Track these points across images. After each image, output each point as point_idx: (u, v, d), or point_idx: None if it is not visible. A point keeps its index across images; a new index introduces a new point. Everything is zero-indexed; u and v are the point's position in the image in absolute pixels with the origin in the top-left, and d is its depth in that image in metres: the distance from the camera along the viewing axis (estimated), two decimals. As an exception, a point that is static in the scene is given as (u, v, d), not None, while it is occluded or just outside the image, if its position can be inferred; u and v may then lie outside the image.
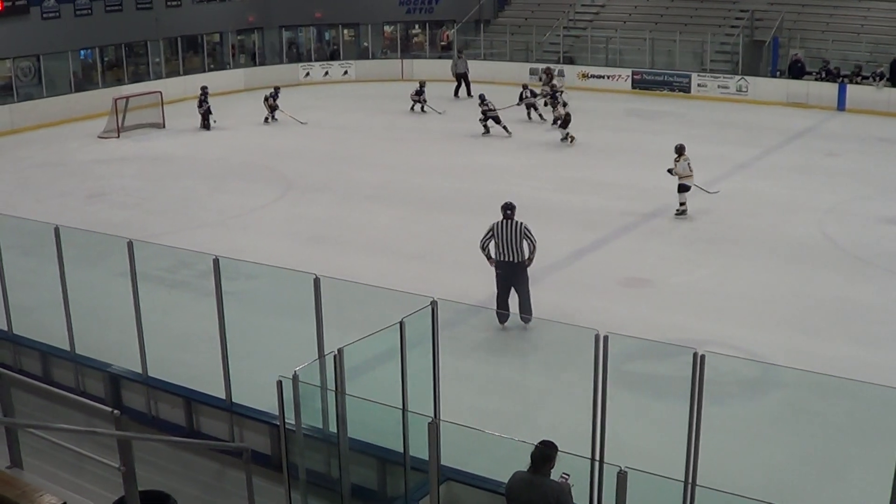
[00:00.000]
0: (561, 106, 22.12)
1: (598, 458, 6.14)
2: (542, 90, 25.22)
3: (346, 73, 32.81)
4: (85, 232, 11.28)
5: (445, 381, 7.05)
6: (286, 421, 6.22)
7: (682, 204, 15.60)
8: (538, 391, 10.08)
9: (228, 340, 7.97)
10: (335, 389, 6.38)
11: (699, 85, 28.18)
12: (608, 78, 29.72)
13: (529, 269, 11.10)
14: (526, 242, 10.96)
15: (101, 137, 23.51)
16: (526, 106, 24.63)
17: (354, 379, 6.55)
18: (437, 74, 29.99)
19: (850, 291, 12.39)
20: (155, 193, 18.24)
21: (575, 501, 5.75)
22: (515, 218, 11.02)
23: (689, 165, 15.45)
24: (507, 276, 11.01)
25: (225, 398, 8.04)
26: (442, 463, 6.30)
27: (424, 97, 26.09)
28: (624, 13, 32.46)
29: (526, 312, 10.93)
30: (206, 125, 24.26)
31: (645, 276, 12.97)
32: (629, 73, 29.48)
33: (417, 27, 35.98)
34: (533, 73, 29.45)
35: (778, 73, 28.25)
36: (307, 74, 32.43)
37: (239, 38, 33.96)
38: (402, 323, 6.43)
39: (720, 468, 6.85)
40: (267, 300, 10.92)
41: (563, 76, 28.46)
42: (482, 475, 6.63)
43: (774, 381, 9.41)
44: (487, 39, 33.22)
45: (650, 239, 14.81)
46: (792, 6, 29.45)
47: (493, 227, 11.07)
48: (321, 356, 6.99)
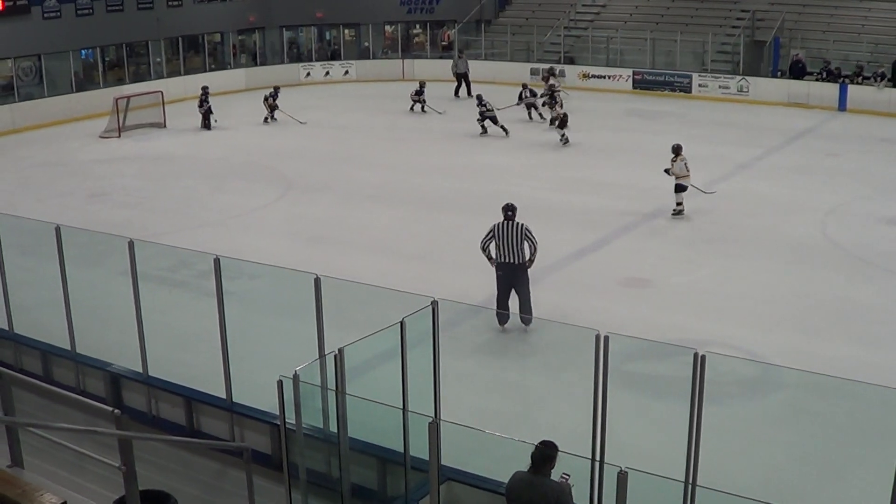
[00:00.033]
0: (558, 106, 22.11)
1: (598, 458, 6.14)
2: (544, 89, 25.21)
3: (346, 72, 32.82)
4: (86, 231, 11.30)
5: (446, 381, 7.05)
6: (287, 421, 6.22)
7: (678, 204, 15.60)
8: (538, 391, 10.08)
9: (229, 340, 7.97)
10: (336, 389, 6.38)
11: (700, 85, 28.19)
12: (609, 78, 29.73)
13: (530, 270, 11.06)
14: (527, 244, 10.89)
15: (102, 137, 23.52)
16: (526, 106, 24.64)
17: (355, 379, 6.55)
18: (437, 74, 30.00)
19: (850, 291, 12.39)
20: (156, 193, 18.25)
21: (575, 502, 5.75)
22: (516, 219, 10.97)
23: (685, 165, 15.44)
24: (507, 277, 10.95)
25: (225, 398, 8.04)
26: (442, 463, 6.30)
27: (424, 97, 26.10)
28: (625, 13, 32.47)
29: (526, 314, 10.87)
30: (206, 125, 24.27)
31: (645, 276, 12.97)
32: (630, 73, 29.49)
33: (418, 27, 35.99)
34: (534, 73, 29.44)
35: (779, 73, 28.25)
36: (308, 74, 32.44)
37: (240, 37, 34.00)
38: (402, 323, 6.43)
39: (720, 468, 6.85)
40: (268, 300, 10.92)
41: (563, 76, 28.43)
42: (482, 475, 6.63)
43: (775, 381, 9.40)
44: (488, 39, 33.22)
45: (650, 239, 14.82)
46: (793, 6, 29.45)
47: (493, 228, 11.00)
48: (322, 356, 6.99)
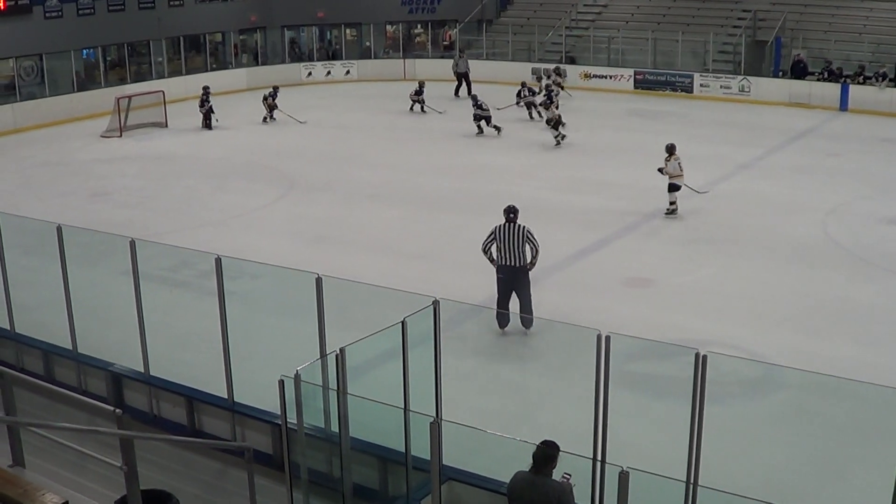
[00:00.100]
0: (554, 107, 22.03)
1: (599, 458, 6.14)
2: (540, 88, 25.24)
3: (348, 72, 32.82)
4: (87, 231, 11.30)
5: (447, 380, 7.05)
6: (288, 420, 6.22)
7: (672, 203, 15.63)
8: (540, 391, 10.08)
9: (230, 340, 7.97)
10: (337, 389, 6.38)
11: (701, 85, 28.18)
12: (610, 78, 29.72)
13: (531, 272, 10.98)
14: (528, 246, 10.78)
15: (103, 137, 23.53)
16: (526, 105, 24.63)
17: (356, 378, 6.54)
18: (439, 74, 30.00)
19: (851, 291, 12.39)
20: (157, 193, 18.26)
21: (577, 501, 5.75)
22: (518, 221, 10.87)
23: (679, 165, 15.46)
24: (508, 280, 10.82)
25: (227, 397, 8.04)
26: (443, 463, 6.30)
27: (423, 97, 26.10)
28: (626, 13, 32.45)
29: (527, 319, 10.73)
30: (207, 125, 24.28)
31: (646, 276, 12.96)
32: (631, 73, 29.47)
33: (420, 27, 35.97)
34: (535, 73, 29.45)
35: (780, 73, 28.23)
36: (309, 74, 32.44)
37: (241, 37, 33.99)
38: (403, 323, 6.43)
39: (722, 468, 6.85)
40: (269, 300, 10.93)
41: (564, 76, 28.41)
42: (484, 475, 6.62)
43: (776, 381, 9.40)
44: (490, 39, 33.20)
45: (651, 239, 14.82)
46: (794, 6, 29.43)
47: (495, 230, 10.89)
48: (323, 356, 6.99)
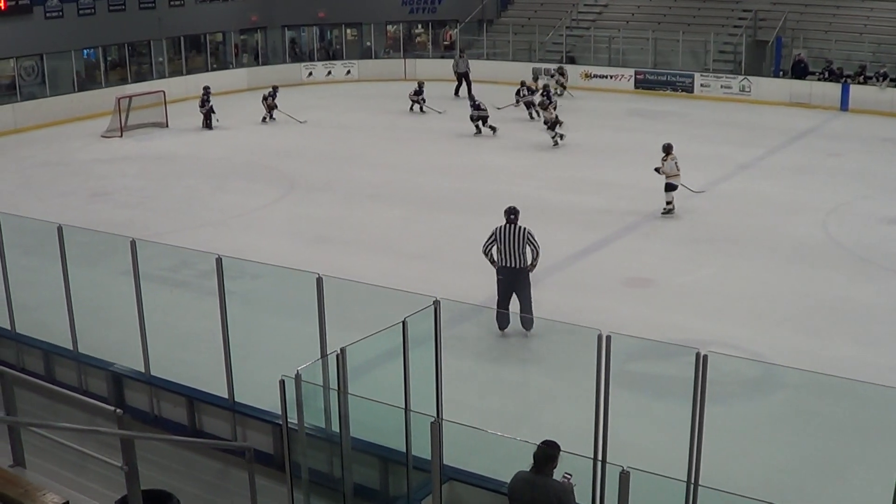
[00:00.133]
0: (552, 107, 21.97)
1: (600, 457, 6.14)
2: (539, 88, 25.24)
3: (348, 72, 32.82)
4: (88, 231, 11.30)
5: (448, 380, 7.05)
6: (289, 420, 6.22)
7: (668, 203, 15.66)
8: (540, 391, 10.08)
9: (231, 340, 7.96)
10: (338, 389, 6.38)
11: (702, 85, 28.17)
12: (611, 78, 29.72)
13: (531, 274, 10.91)
14: (529, 248, 10.71)
15: (103, 137, 23.53)
16: (525, 105, 24.61)
17: (357, 378, 6.54)
18: (440, 74, 29.99)
19: (851, 291, 12.39)
20: (157, 193, 18.26)
21: (577, 501, 5.75)
22: (519, 222, 10.80)
23: (676, 165, 15.48)
24: (509, 281, 10.75)
25: (228, 397, 8.03)
26: (444, 463, 6.29)
27: (423, 97, 26.10)
28: (627, 13, 32.44)
29: (527, 321, 10.66)
30: (207, 125, 24.28)
31: (647, 276, 12.96)
32: (632, 72, 29.47)
33: (420, 27, 35.97)
34: (535, 72, 29.47)
35: (781, 73, 28.22)
36: (310, 74, 32.44)
37: (242, 37, 33.99)
38: (404, 322, 6.42)
39: (722, 468, 6.84)
40: (269, 299, 10.92)
41: (563, 76, 28.40)
42: (485, 475, 6.62)
43: (777, 381, 9.39)
44: (490, 39, 33.19)
45: (652, 239, 14.81)
46: (795, 6, 29.42)
47: (495, 231, 10.82)
48: (324, 356, 6.98)
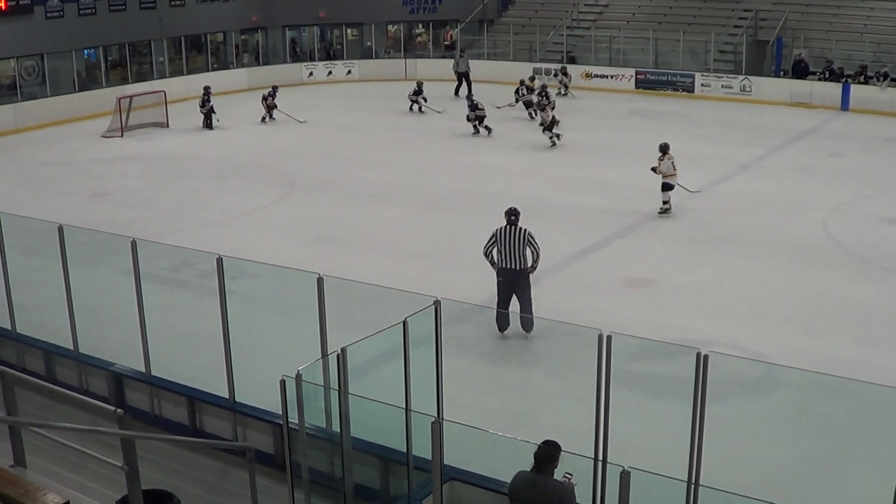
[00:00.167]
0: (550, 108, 21.91)
1: (601, 457, 6.13)
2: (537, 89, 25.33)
3: (349, 72, 32.83)
4: (88, 231, 11.28)
5: (448, 380, 7.05)
6: (289, 420, 6.22)
7: (665, 203, 15.67)
8: (541, 391, 10.08)
9: (232, 340, 7.97)
10: (338, 389, 6.37)
11: (702, 85, 28.17)
12: (611, 77, 29.72)
13: (532, 276, 10.84)
14: (529, 250, 10.64)
15: (104, 137, 23.54)
16: (524, 104, 24.59)
17: (357, 378, 6.54)
18: (440, 74, 30.00)
19: (852, 291, 12.38)
20: (158, 193, 18.26)
21: (578, 501, 5.75)
22: (520, 223, 10.73)
23: (672, 164, 15.50)
24: (508, 283, 10.68)
25: (228, 397, 8.04)
26: (445, 462, 6.28)
27: (423, 96, 26.10)
28: (627, 13, 32.44)
29: (527, 322, 10.61)
30: (208, 125, 24.28)
31: (647, 275, 12.96)
32: (632, 72, 29.47)
33: (421, 27, 35.98)
34: (537, 72, 29.47)
35: (781, 72, 28.22)
36: (310, 74, 32.45)
37: (242, 37, 34.00)
38: (405, 322, 6.42)
39: (723, 468, 6.84)
40: (270, 299, 10.93)
41: (566, 75, 28.40)
42: (485, 475, 6.61)
43: (777, 381, 9.39)
44: (491, 39, 33.20)
45: (652, 239, 14.81)
46: (795, 6, 29.41)
47: (496, 232, 10.76)
48: (324, 355, 6.98)
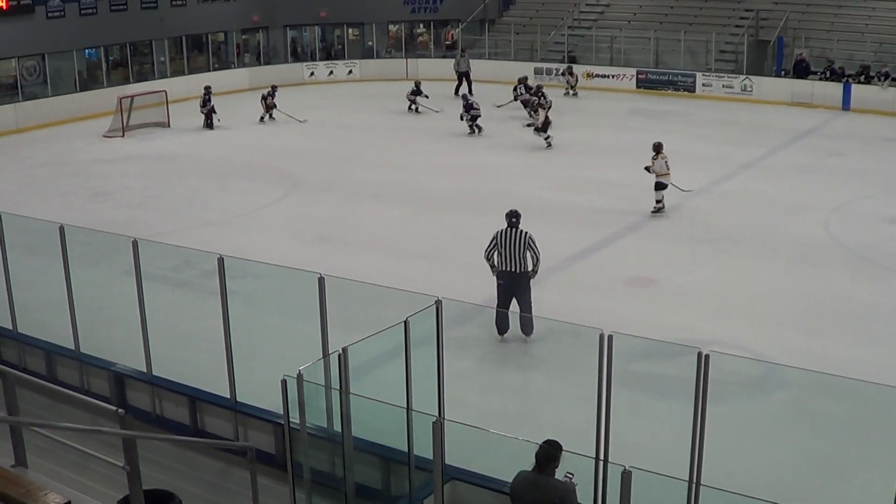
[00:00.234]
0: (544, 109, 21.77)
1: (602, 457, 6.13)
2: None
3: (350, 72, 32.82)
4: (90, 231, 11.29)
5: (450, 380, 7.05)
6: (291, 420, 6.22)
7: (658, 202, 15.69)
8: (542, 390, 10.08)
9: (233, 339, 7.97)
10: (339, 389, 6.38)
11: (704, 84, 28.15)
12: (613, 77, 29.70)
13: (532, 280, 10.72)
14: (529, 254, 10.55)
15: (105, 136, 23.55)
16: (522, 103, 24.58)
17: (359, 378, 6.55)
18: (441, 74, 29.99)
19: (853, 291, 12.37)
20: (159, 193, 18.26)
21: (579, 501, 5.75)
22: (521, 225, 10.63)
23: (666, 164, 15.52)
24: (509, 286, 10.59)
25: (229, 397, 8.04)
26: (446, 462, 6.28)
27: (423, 96, 26.09)
28: (629, 12, 32.43)
29: (527, 325, 10.51)
30: (209, 124, 24.28)
31: (648, 275, 12.95)
32: (634, 72, 29.45)
33: (422, 26, 35.98)
34: (538, 72, 29.50)
35: (783, 72, 28.19)
36: (312, 74, 32.45)
37: (244, 37, 33.99)
38: (406, 322, 6.43)
39: (724, 468, 6.84)
40: (271, 299, 10.93)
41: (571, 75, 28.38)
42: (486, 475, 6.61)
43: (778, 380, 9.39)
44: (492, 39, 33.19)
45: (653, 238, 14.80)
46: (797, 6, 29.40)
47: (496, 235, 10.65)
48: (325, 355, 6.98)
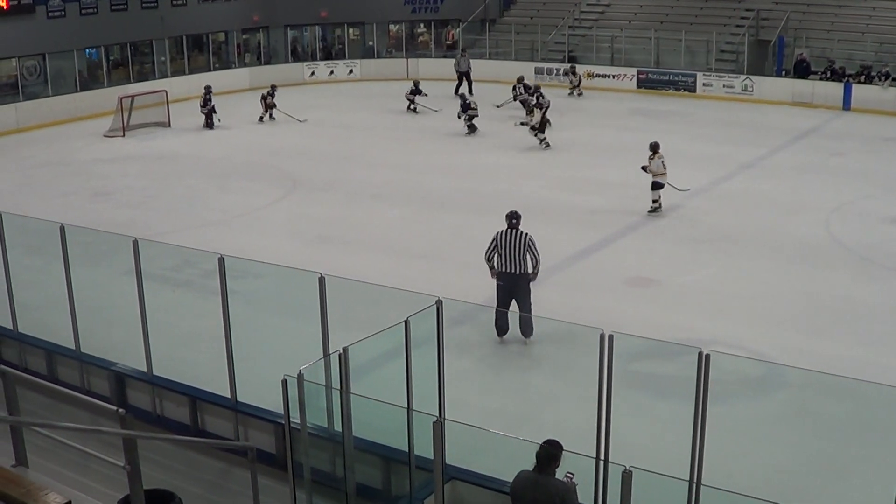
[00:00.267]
0: (539, 109, 21.73)
1: (602, 457, 6.14)
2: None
3: (351, 72, 32.83)
4: (90, 231, 11.28)
5: (450, 380, 7.05)
6: (291, 420, 6.22)
7: (654, 201, 15.70)
8: (543, 390, 10.08)
9: (233, 339, 7.97)
10: (340, 388, 6.38)
11: (704, 84, 28.15)
12: (613, 77, 29.70)
13: (532, 282, 10.64)
14: (529, 256, 10.47)
15: (106, 136, 23.56)
16: (521, 103, 24.59)
17: (359, 378, 6.55)
18: (442, 74, 29.99)
19: (854, 291, 12.37)
20: (159, 192, 18.26)
21: (580, 501, 5.75)
22: (521, 226, 10.56)
23: (662, 163, 15.54)
24: (508, 288, 10.53)
25: (230, 397, 8.04)
26: (447, 462, 6.29)
27: (423, 95, 26.08)
28: (629, 12, 32.42)
29: (526, 327, 10.46)
30: (209, 124, 24.28)
31: (649, 275, 12.95)
32: (634, 72, 29.45)
33: (423, 26, 35.98)
34: (538, 72, 29.50)
35: (783, 72, 28.19)
36: (312, 73, 32.46)
37: (244, 37, 34.00)
38: (406, 322, 6.43)
39: (725, 467, 6.84)
40: (272, 299, 10.93)
41: (574, 74, 28.39)
42: (487, 474, 6.62)
43: (779, 380, 9.39)
44: (493, 38, 33.19)
45: (654, 239, 14.80)
46: (797, 5, 29.39)
47: (496, 237, 10.57)
48: (326, 355, 6.98)
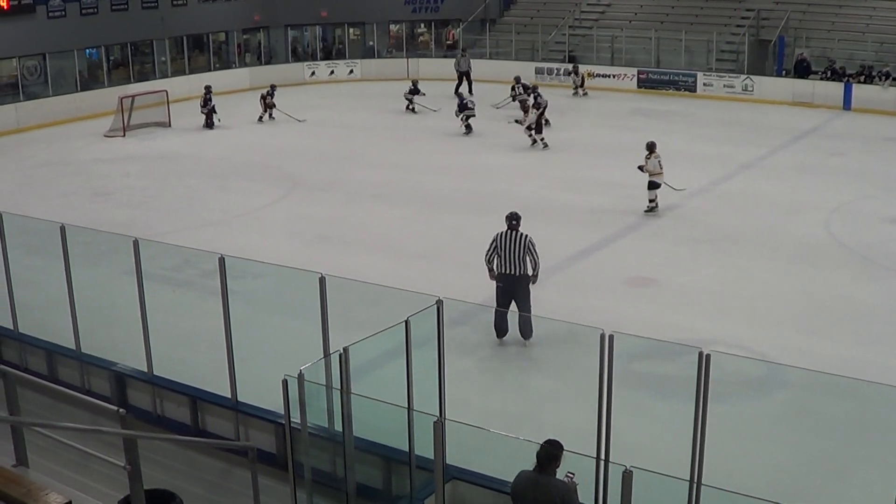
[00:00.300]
0: (535, 109, 21.68)
1: (603, 457, 6.14)
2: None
3: (351, 72, 32.84)
4: (90, 231, 11.27)
5: (451, 380, 7.05)
6: (292, 420, 6.22)
7: (651, 201, 15.71)
8: (543, 390, 10.08)
9: (234, 339, 7.97)
10: (340, 388, 6.38)
11: (705, 84, 28.16)
12: (614, 77, 29.70)
13: (532, 285, 10.59)
14: (529, 258, 10.42)
15: (106, 136, 23.56)
16: (520, 103, 24.58)
17: (360, 378, 6.55)
18: (442, 74, 30.01)
19: (854, 291, 12.37)
20: (159, 192, 18.26)
21: (580, 501, 5.75)
22: (521, 226, 10.52)
23: (659, 163, 15.55)
24: (508, 289, 10.49)
25: (231, 397, 8.04)
26: (447, 462, 6.29)
27: (420, 94, 26.08)
28: (630, 12, 32.43)
29: (526, 329, 10.42)
30: (209, 124, 24.29)
31: (649, 275, 12.95)
32: (635, 72, 29.45)
33: (423, 26, 35.99)
34: (539, 72, 29.50)
35: (783, 72, 28.19)
36: (313, 73, 32.47)
37: (244, 37, 34.01)
38: (407, 322, 6.43)
39: (725, 467, 6.84)
40: (272, 299, 10.93)
41: (577, 74, 28.40)
42: (487, 474, 6.62)
43: (779, 380, 9.39)
44: (493, 38, 33.20)
45: (654, 238, 14.80)
46: (798, 5, 29.39)
47: (496, 238, 10.52)
48: (326, 355, 6.98)
